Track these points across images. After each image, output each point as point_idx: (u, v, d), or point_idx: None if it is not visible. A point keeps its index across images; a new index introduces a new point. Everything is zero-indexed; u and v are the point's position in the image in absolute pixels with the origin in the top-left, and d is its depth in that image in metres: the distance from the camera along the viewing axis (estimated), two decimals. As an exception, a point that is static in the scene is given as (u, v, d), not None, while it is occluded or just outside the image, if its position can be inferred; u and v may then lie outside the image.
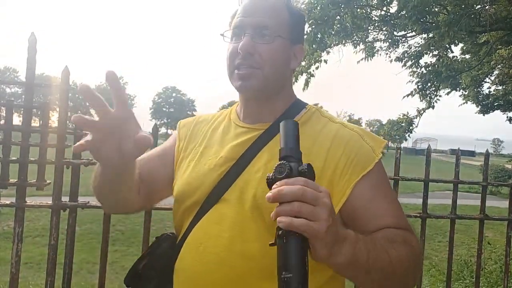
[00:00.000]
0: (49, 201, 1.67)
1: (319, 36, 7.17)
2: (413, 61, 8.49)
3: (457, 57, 9.41)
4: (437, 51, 8.25)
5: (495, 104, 11.61)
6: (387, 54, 8.76)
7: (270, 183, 0.72)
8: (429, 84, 8.86)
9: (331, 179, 0.90)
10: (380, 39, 8.33)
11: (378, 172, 0.94)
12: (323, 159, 0.92)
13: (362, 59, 8.69)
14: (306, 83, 8.37)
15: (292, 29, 0.99)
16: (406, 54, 8.54)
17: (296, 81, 8.32)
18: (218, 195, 0.95)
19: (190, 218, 0.98)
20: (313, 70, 8.29)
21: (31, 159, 1.62)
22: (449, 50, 8.06)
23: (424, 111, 9.25)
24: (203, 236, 0.93)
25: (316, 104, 1.12)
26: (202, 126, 1.11)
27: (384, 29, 7.98)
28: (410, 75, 8.93)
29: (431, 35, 7.24)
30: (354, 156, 0.92)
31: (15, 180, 1.61)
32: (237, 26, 0.97)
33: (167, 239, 1.07)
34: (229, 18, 1.03)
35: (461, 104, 11.86)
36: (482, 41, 8.39)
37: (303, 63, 8.12)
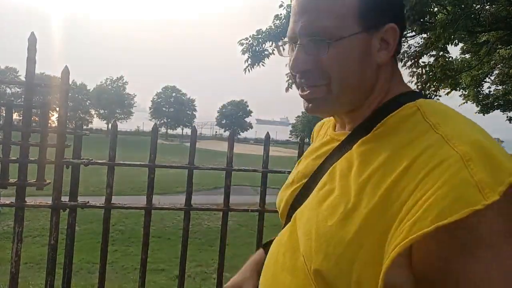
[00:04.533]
0: (49, 201, 1.67)
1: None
2: (412, 61, 8.50)
3: (457, 57, 9.42)
4: (435, 52, 8.26)
5: (495, 104, 11.62)
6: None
7: None
8: (428, 84, 8.86)
9: (390, 223, 0.59)
10: (380, 39, 8.33)
11: (478, 228, 0.54)
12: (386, 190, 0.61)
13: (362, 59, 8.68)
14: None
15: (366, 13, 0.70)
16: (405, 54, 8.54)
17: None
18: (291, 214, 0.82)
19: None
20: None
21: (31, 159, 1.62)
22: (445, 51, 8.06)
23: (424, 111, 9.25)
24: (268, 256, 0.86)
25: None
26: (322, 130, 0.98)
27: (384, 29, 7.98)
28: (410, 75, 8.93)
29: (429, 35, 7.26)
30: (433, 192, 0.55)
31: (15, 180, 1.62)
32: (289, 37, 0.76)
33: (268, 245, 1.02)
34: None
35: (461, 104, 11.86)
36: (482, 40, 8.39)
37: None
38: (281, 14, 7.49)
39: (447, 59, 8.60)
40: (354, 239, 0.62)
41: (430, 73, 8.32)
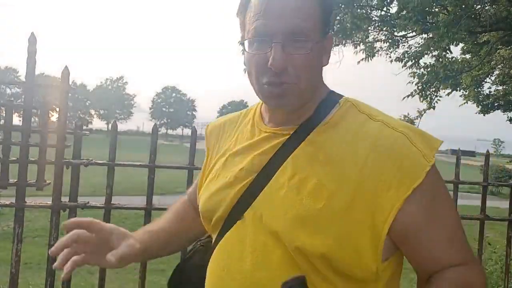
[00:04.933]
0: (49, 201, 1.67)
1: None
2: (413, 61, 8.49)
3: (457, 57, 9.42)
4: (436, 52, 8.25)
5: (496, 104, 11.61)
6: (387, 54, 8.76)
7: None
8: (429, 85, 8.85)
9: (370, 195, 0.74)
10: (380, 39, 8.33)
11: (431, 183, 0.76)
12: (359, 170, 0.75)
13: (362, 60, 8.69)
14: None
15: (323, 19, 0.81)
16: (406, 55, 8.53)
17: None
18: (239, 213, 0.84)
19: (215, 234, 0.90)
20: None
21: (31, 159, 1.62)
22: (448, 51, 8.06)
23: (425, 112, 9.24)
24: (226, 259, 0.84)
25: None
26: (230, 129, 1.00)
27: (384, 29, 7.98)
28: (410, 76, 8.93)
29: (430, 35, 7.25)
30: (400, 164, 0.74)
31: (15, 180, 1.61)
32: (262, 32, 0.78)
33: (199, 252, 1.02)
34: (239, 9, 0.86)
35: (462, 104, 11.86)
36: (483, 41, 8.39)
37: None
38: None
39: (450, 59, 8.60)
40: (345, 215, 0.73)
41: (433, 73, 8.31)
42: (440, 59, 8.37)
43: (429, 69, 8.55)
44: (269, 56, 0.76)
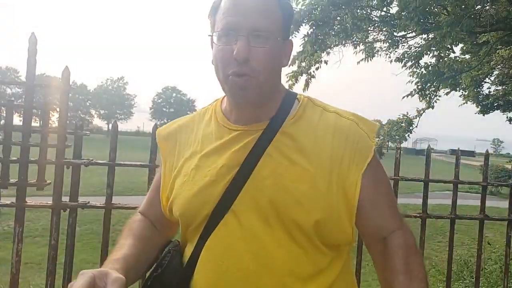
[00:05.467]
0: (49, 201, 1.67)
1: (320, 37, 7.16)
2: (413, 61, 8.49)
3: (458, 57, 9.41)
4: (438, 52, 8.24)
5: (495, 104, 11.60)
6: (387, 54, 8.76)
7: None
8: (428, 84, 8.85)
9: (340, 174, 0.90)
10: (380, 39, 8.33)
11: (375, 158, 0.95)
12: (329, 155, 0.90)
13: (362, 60, 8.69)
14: (307, 84, 8.37)
15: (284, 24, 0.92)
16: (406, 55, 8.53)
17: (297, 82, 8.32)
18: (226, 207, 0.89)
19: (198, 233, 0.93)
20: (313, 71, 8.29)
21: (31, 159, 1.62)
22: (450, 50, 8.06)
23: (424, 111, 9.24)
24: (222, 252, 0.89)
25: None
26: (188, 133, 1.03)
27: (384, 29, 7.98)
28: (410, 75, 8.93)
29: (431, 35, 7.24)
30: (356, 146, 0.92)
31: (15, 180, 1.62)
32: (229, 27, 0.87)
33: (175, 256, 1.00)
34: (210, 11, 0.95)
35: (461, 104, 11.85)
36: (482, 41, 8.38)
37: (303, 64, 8.13)
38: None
39: (452, 59, 8.60)
40: (327, 192, 0.88)
41: (436, 72, 8.31)
42: (445, 59, 8.36)
43: (430, 69, 8.54)
44: (234, 48, 0.85)
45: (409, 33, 7.99)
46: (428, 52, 7.92)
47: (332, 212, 0.88)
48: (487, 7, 6.22)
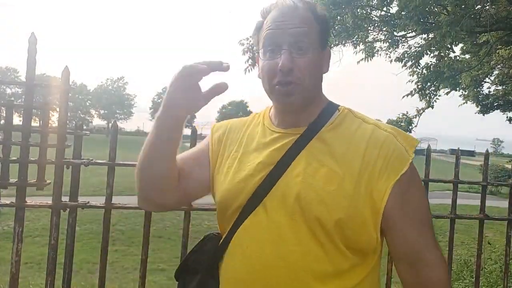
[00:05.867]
0: (49, 201, 1.67)
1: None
2: (413, 61, 8.49)
3: (458, 57, 9.40)
4: (438, 51, 8.24)
5: (495, 104, 11.61)
6: (387, 54, 8.76)
7: None
8: (428, 84, 8.85)
9: (370, 180, 0.94)
10: (380, 39, 8.33)
11: (412, 172, 0.98)
12: (360, 160, 0.95)
13: (362, 59, 8.69)
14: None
15: (321, 36, 1.02)
16: (406, 54, 8.53)
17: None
18: (258, 200, 0.98)
19: (232, 222, 1.03)
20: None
21: (31, 159, 1.62)
22: (450, 50, 8.05)
23: (424, 111, 9.25)
24: (248, 240, 0.98)
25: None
26: (237, 132, 1.14)
27: (384, 29, 7.98)
28: (410, 75, 8.93)
29: (431, 35, 7.24)
30: (389, 157, 0.96)
31: (15, 180, 1.62)
32: (272, 42, 0.97)
33: (213, 239, 1.11)
34: (254, 31, 1.06)
35: (461, 104, 11.86)
36: (482, 41, 8.38)
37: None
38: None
39: (452, 58, 8.60)
40: (353, 194, 0.93)
41: (436, 72, 8.31)
42: (445, 58, 8.36)
43: (430, 69, 8.55)
44: (279, 61, 0.95)
45: (409, 32, 7.99)
46: (428, 52, 7.91)
47: (356, 214, 0.93)
48: (487, 7, 6.22)
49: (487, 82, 11.28)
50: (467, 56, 9.84)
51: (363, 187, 0.94)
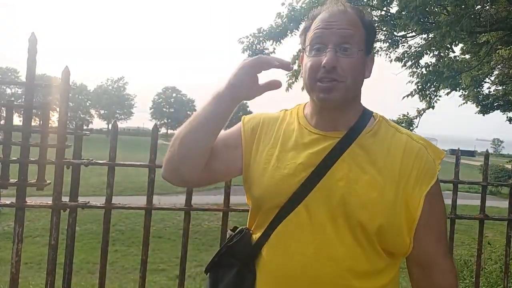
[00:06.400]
0: (49, 201, 1.67)
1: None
2: (413, 61, 8.48)
3: (457, 57, 9.40)
4: (438, 51, 8.24)
5: (495, 104, 11.59)
6: (387, 54, 8.76)
7: None
8: (429, 84, 8.84)
9: (405, 189, 1.00)
10: (380, 39, 8.32)
11: (438, 184, 1.05)
12: (398, 170, 1.01)
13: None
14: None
15: (367, 41, 1.05)
16: (406, 54, 8.52)
17: (296, 81, 8.32)
18: (299, 200, 1.01)
19: (270, 218, 1.05)
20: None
21: (31, 159, 1.62)
22: (450, 50, 8.04)
23: (424, 111, 9.24)
24: (291, 237, 1.01)
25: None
26: (270, 126, 1.15)
27: (384, 29, 7.97)
28: (410, 75, 8.92)
29: (431, 35, 7.24)
30: (422, 168, 1.02)
31: (15, 180, 1.62)
32: (319, 41, 1.00)
33: (247, 234, 1.13)
34: (301, 32, 1.10)
35: (461, 104, 11.85)
36: (482, 41, 8.38)
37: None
38: (282, 13, 7.45)
39: (452, 58, 8.59)
40: (393, 202, 0.98)
41: (436, 72, 8.30)
42: (445, 58, 8.35)
43: (430, 69, 8.54)
44: (323, 59, 0.98)
45: (409, 33, 7.99)
46: (428, 52, 7.91)
47: (395, 221, 0.98)
48: (487, 7, 6.22)
49: (487, 82, 11.27)
50: (467, 56, 9.83)
51: (400, 195, 0.99)
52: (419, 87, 8.86)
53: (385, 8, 7.42)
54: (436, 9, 6.83)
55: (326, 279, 0.98)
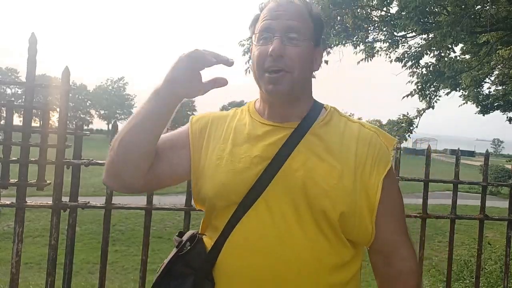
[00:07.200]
0: (49, 201, 1.67)
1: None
2: (413, 61, 8.48)
3: (458, 57, 9.40)
4: (438, 52, 8.23)
5: (495, 104, 11.58)
6: (387, 54, 8.75)
7: None
8: (428, 84, 8.84)
9: (363, 176, 1.00)
10: (380, 39, 8.32)
11: (393, 170, 1.07)
12: (354, 157, 1.00)
13: (362, 60, 8.68)
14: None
15: (315, 33, 1.04)
16: (406, 55, 8.52)
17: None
18: (257, 194, 0.97)
19: (227, 218, 0.99)
20: (313, 70, 8.26)
21: (31, 159, 1.62)
22: (451, 50, 8.05)
23: (424, 111, 9.24)
24: (252, 235, 0.96)
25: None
26: (220, 125, 1.11)
27: (384, 29, 7.97)
28: (410, 75, 8.92)
29: (432, 35, 7.24)
30: (377, 155, 1.02)
31: (16, 180, 1.62)
32: (265, 29, 1.00)
33: (200, 241, 1.06)
34: (251, 23, 1.08)
35: (461, 105, 11.84)
36: (482, 41, 8.38)
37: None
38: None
39: (452, 59, 8.59)
40: (352, 189, 0.97)
41: (436, 72, 8.30)
42: (445, 59, 8.35)
43: (430, 69, 8.54)
44: (270, 47, 0.97)
45: (409, 33, 7.99)
46: (428, 52, 7.91)
47: (356, 208, 0.97)
48: (487, 7, 6.22)
49: (487, 83, 11.26)
50: (467, 56, 9.83)
51: (358, 182, 0.99)
52: (419, 87, 8.87)
53: (385, 8, 7.42)
54: (436, 9, 6.84)
55: (293, 275, 0.94)
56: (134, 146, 0.99)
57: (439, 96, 9.31)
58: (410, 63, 8.54)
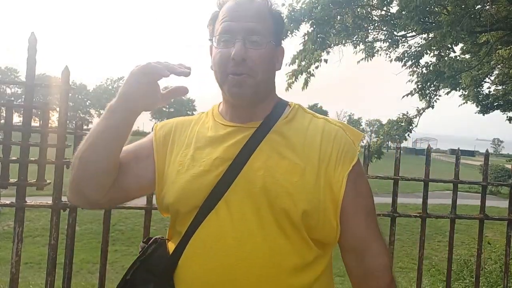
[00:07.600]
0: (49, 201, 1.67)
1: (320, 36, 7.15)
2: (413, 61, 8.48)
3: (458, 56, 9.40)
4: (438, 51, 8.24)
5: (495, 104, 11.59)
6: (387, 54, 8.76)
7: None
8: (428, 84, 8.85)
9: (327, 172, 0.98)
10: (380, 39, 8.33)
11: (359, 164, 1.04)
12: (317, 153, 0.98)
13: (362, 59, 8.69)
14: (306, 83, 8.36)
15: (276, 32, 1.02)
16: (406, 54, 8.53)
17: (296, 81, 8.31)
18: (218, 196, 0.94)
19: (188, 222, 0.97)
20: (313, 70, 8.28)
21: (31, 159, 1.62)
22: (451, 49, 8.05)
23: (424, 111, 9.24)
24: (211, 239, 0.93)
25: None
26: (184, 130, 1.09)
27: (384, 29, 7.98)
28: (410, 75, 8.93)
29: (432, 35, 7.24)
30: (342, 150, 1.00)
31: (15, 180, 1.62)
32: (226, 31, 0.97)
33: (162, 244, 1.05)
34: (209, 21, 1.05)
35: (461, 104, 11.85)
36: (482, 41, 8.38)
37: (303, 63, 8.12)
38: (282, 13, 7.45)
39: (453, 58, 8.60)
40: (315, 185, 0.95)
41: (436, 72, 8.30)
42: (445, 58, 8.35)
43: (430, 69, 8.54)
44: (232, 51, 0.94)
45: (409, 32, 7.99)
46: (428, 52, 7.91)
47: (319, 205, 0.95)
48: (487, 7, 6.22)
49: (487, 82, 11.26)
50: (467, 56, 9.83)
51: (323, 178, 0.96)
52: (419, 86, 8.87)
53: (385, 8, 7.42)
54: (436, 9, 6.84)
55: (253, 278, 0.91)
56: (93, 164, 0.97)
57: (439, 96, 9.32)
58: (410, 62, 8.55)
